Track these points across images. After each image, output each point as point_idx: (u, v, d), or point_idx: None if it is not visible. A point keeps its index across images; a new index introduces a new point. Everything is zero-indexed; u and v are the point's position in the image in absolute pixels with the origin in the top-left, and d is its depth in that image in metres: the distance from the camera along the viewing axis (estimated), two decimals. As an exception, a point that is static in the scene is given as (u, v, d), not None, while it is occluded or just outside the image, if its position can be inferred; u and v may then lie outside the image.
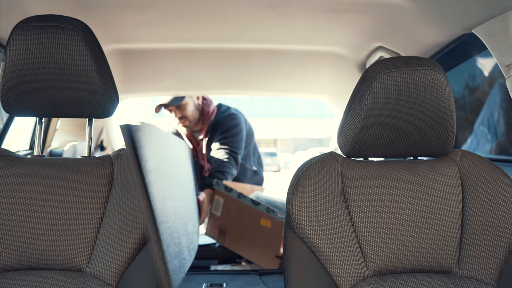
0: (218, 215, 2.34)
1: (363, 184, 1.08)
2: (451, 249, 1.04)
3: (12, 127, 1.84)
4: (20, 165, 1.08)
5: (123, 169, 1.10)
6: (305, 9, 1.55)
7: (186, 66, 2.20)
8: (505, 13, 1.14)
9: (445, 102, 1.04)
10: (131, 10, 1.56)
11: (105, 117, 1.14)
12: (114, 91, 1.11)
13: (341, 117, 1.13)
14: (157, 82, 2.46)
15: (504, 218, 1.04)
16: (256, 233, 2.17)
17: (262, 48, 1.99)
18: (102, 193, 1.07)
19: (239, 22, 1.68)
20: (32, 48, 0.99)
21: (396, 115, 1.04)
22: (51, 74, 1.02)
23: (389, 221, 1.05)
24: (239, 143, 2.56)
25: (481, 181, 1.08)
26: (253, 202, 2.21)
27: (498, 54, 1.21)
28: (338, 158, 1.12)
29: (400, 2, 1.40)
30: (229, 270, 2.19)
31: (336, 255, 1.01)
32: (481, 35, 1.25)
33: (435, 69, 1.02)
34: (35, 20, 1.02)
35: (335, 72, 2.26)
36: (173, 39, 1.87)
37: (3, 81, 1.02)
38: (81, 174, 1.08)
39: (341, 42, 1.89)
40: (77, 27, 1.02)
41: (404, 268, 1.03)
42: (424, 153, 1.12)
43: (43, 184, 1.06)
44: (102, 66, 1.06)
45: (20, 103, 1.06)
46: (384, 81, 1.02)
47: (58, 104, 1.07)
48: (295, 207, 1.04)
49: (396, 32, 1.62)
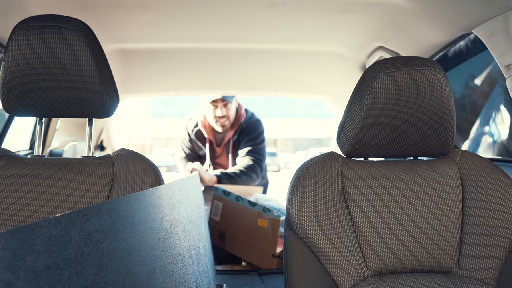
0: (217, 219, 2.35)
1: (363, 184, 1.08)
2: (451, 249, 1.04)
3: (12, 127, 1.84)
4: (20, 165, 1.08)
5: (124, 169, 1.09)
6: (305, 9, 1.55)
7: (186, 66, 2.20)
8: (505, 13, 1.14)
9: (445, 102, 1.04)
10: (131, 10, 1.56)
11: (105, 117, 1.14)
12: (114, 91, 1.11)
13: (341, 117, 1.13)
14: (157, 82, 2.46)
15: (504, 218, 1.04)
16: (254, 234, 2.18)
17: (262, 48, 1.99)
18: (103, 193, 1.07)
19: (239, 22, 1.68)
20: (32, 48, 0.99)
21: (396, 115, 1.04)
22: (51, 74, 1.02)
23: (389, 221, 1.05)
24: (263, 151, 2.76)
25: (481, 181, 1.08)
26: (250, 203, 2.22)
27: (498, 54, 1.21)
28: (338, 158, 1.12)
29: (400, 2, 1.40)
30: (229, 270, 2.19)
31: (336, 255, 1.01)
32: (481, 35, 1.25)
33: (435, 69, 1.03)
34: (35, 20, 1.02)
35: (335, 72, 2.26)
36: (173, 39, 1.87)
37: (3, 81, 1.02)
38: (81, 174, 1.08)
39: (341, 42, 1.90)
40: (77, 27, 1.02)
41: (404, 268, 1.03)
42: (424, 153, 1.12)
43: (43, 184, 1.06)
44: (103, 66, 1.06)
45: (20, 103, 1.06)
46: (384, 81, 1.02)
47: (58, 104, 1.07)
48: (295, 207, 1.04)
49: (396, 32, 1.62)
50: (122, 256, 0.66)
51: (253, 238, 2.18)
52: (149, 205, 0.82)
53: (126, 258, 0.67)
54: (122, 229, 0.67)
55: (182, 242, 1.01)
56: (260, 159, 2.70)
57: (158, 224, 0.84)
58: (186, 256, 1.01)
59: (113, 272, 0.62)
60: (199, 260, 1.16)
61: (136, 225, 0.73)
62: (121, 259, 0.65)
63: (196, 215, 1.27)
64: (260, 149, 2.71)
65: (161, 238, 0.85)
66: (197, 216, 1.28)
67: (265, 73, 2.34)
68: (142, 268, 0.73)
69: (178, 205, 1.03)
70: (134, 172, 1.09)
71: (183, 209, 1.08)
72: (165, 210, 0.91)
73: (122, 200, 0.70)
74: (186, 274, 0.98)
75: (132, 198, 0.74)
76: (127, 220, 0.70)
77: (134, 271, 0.70)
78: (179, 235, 0.99)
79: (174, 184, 1.04)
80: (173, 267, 0.90)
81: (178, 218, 1.00)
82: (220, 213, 2.35)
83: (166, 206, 0.92)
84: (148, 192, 0.82)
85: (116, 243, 0.65)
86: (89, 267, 0.56)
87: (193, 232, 1.16)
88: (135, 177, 1.08)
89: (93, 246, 0.58)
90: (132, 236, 0.70)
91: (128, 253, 0.68)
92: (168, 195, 0.96)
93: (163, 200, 0.91)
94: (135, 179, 1.08)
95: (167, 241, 0.89)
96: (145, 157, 1.14)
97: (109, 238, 0.63)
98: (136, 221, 0.74)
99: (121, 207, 0.69)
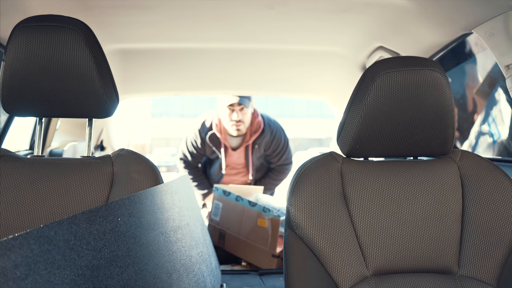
0: (218, 219, 2.35)
1: (363, 184, 1.08)
2: (451, 249, 1.04)
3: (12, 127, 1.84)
4: (20, 165, 1.08)
5: (123, 169, 1.09)
6: (305, 9, 1.55)
7: (186, 66, 2.20)
8: (505, 13, 1.14)
9: (445, 102, 1.04)
10: (131, 10, 1.56)
11: (105, 117, 1.14)
12: (114, 91, 1.11)
13: (341, 117, 1.13)
14: (157, 82, 2.46)
15: (504, 218, 1.04)
16: (254, 234, 2.18)
17: (262, 48, 1.99)
18: (103, 193, 1.07)
19: (239, 22, 1.68)
20: (32, 48, 0.99)
21: (396, 115, 1.04)
22: (51, 74, 1.01)
23: (389, 221, 1.05)
24: (291, 151, 2.98)
25: (481, 181, 1.08)
26: (250, 203, 2.22)
27: (498, 54, 1.21)
28: (338, 158, 1.12)
29: (400, 2, 1.40)
30: (229, 270, 2.19)
31: (336, 255, 1.01)
32: (481, 35, 1.25)
33: (435, 69, 1.02)
34: (35, 20, 1.02)
35: (335, 72, 2.26)
36: (173, 39, 1.87)
37: (3, 81, 1.02)
38: (81, 174, 1.08)
39: (341, 42, 1.89)
40: (77, 27, 1.02)
41: (404, 268, 1.03)
42: (424, 153, 1.12)
43: (43, 184, 1.06)
44: (102, 66, 1.06)
45: (20, 103, 1.06)
46: (384, 81, 1.02)
47: (58, 104, 1.07)
48: (295, 207, 1.04)
49: (396, 32, 1.62)
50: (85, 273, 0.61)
51: (253, 238, 2.18)
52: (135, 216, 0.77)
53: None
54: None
55: (166, 258, 0.94)
56: (292, 161, 2.99)
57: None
58: (172, 270, 0.96)
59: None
60: (190, 271, 1.10)
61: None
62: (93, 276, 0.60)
63: (188, 220, 1.22)
64: (290, 156, 2.96)
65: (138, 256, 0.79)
66: (189, 220, 1.23)
67: (265, 73, 2.34)
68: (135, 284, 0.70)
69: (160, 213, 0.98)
70: (134, 172, 1.09)
71: (165, 217, 1.02)
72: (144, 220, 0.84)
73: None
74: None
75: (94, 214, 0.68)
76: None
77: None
78: (162, 249, 0.92)
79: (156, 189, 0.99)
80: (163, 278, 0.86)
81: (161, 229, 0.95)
82: (220, 213, 2.35)
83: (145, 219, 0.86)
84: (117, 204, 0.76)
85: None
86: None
87: (184, 240, 1.11)
88: (135, 177, 1.08)
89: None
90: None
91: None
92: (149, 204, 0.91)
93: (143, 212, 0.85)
94: (135, 179, 1.08)
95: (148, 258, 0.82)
96: (145, 157, 1.14)
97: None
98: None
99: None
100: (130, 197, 0.85)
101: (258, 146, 2.78)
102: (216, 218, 2.36)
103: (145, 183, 1.07)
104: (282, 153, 2.88)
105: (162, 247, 0.94)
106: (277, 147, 2.84)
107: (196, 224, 1.33)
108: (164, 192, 1.05)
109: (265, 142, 2.79)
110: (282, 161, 2.91)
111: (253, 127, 2.75)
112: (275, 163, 2.91)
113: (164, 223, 0.99)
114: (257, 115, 2.77)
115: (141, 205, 0.89)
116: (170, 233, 1.02)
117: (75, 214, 0.66)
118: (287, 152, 2.91)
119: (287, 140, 2.89)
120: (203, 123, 2.78)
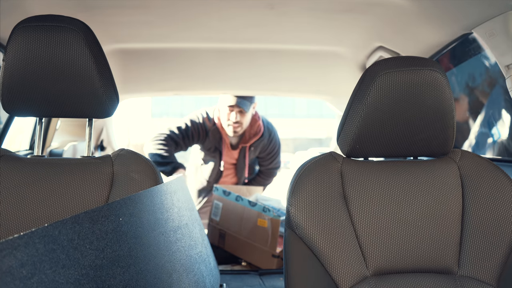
0: (217, 219, 2.35)
1: (363, 184, 1.08)
2: (451, 249, 1.04)
3: (12, 127, 1.84)
4: (20, 165, 1.08)
5: (123, 169, 1.09)
6: (305, 9, 1.55)
7: (186, 66, 2.20)
8: (505, 13, 1.14)
9: (445, 102, 1.04)
10: (131, 10, 1.56)
11: (105, 117, 1.14)
12: (114, 91, 1.11)
13: (341, 117, 1.13)
14: (157, 82, 2.46)
15: (504, 218, 1.04)
16: (254, 234, 2.18)
17: (262, 48, 1.99)
18: (103, 193, 1.07)
19: (239, 22, 1.68)
20: (32, 48, 0.99)
21: (396, 115, 1.04)
22: (51, 74, 1.01)
23: (389, 221, 1.05)
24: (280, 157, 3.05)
25: (481, 181, 1.08)
26: (250, 203, 2.22)
27: (498, 54, 1.21)
28: (338, 158, 1.12)
29: (400, 2, 1.40)
30: (229, 270, 2.19)
31: (336, 255, 1.01)
32: (481, 35, 1.25)
33: (435, 69, 1.02)
34: (35, 20, 1.02)
35: (335, 72, 2.26)
36: (173, 39, 1.87)
37: (3, 81, 1.02)
38: (81, 174, 1.08)
39: (341, 42, 1.89)
40: (77, 27, 1.02)
41: (404, 268, 1.03)
42: (424, 153, 1.12)
43: (43, 184, 1.06)
44: (102, 66, 1.06)
45: (20, 103, 1.06)
46: (384, 81, 1.02)
47: (58, 104, 1.07)
48: (295, 207, 1.04)
49: (396, 32, 1.62)
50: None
51: (253, 238, 2.18)
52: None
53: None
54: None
55: (167, 257, 0.94)
56: (280, 166, 3.07)
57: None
58: (174, 270, 0.97)
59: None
60: (189, 271, 1.11)
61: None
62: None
63: (187, 220, 1.22)
64: (279, 162, 3.03)
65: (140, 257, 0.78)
66: (188, 221, 1.23)
67: (265, 73, 2.33)
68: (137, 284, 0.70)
69: (160, 213, 0.98)
70: (134, 172, 1.09)
71: (165, 217, 1.01)
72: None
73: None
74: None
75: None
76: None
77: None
78: (162, 249, 0.92)
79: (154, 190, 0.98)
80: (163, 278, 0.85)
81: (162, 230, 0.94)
82: (220, 213, 2.35)
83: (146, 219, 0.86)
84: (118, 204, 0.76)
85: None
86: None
87: (183, 240, 1.11)
88: (135, 177, 1.08)
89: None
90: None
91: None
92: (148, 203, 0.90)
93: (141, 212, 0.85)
94: (135, 179, 1.08)
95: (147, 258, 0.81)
96: (145, 157, 1.14)
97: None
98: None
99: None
100: (131, 197, 0.85)
101: (254, 148, 2.79)
102: (216, 218, 2.36)
103: (145, 183, 1.07)
104: (275, 157, 2.93)
105: (162, 247, 0.94)
106: (272, 151, 2.88)
107: (195, 224, 1.33)
108: (164, 192, 1.06)
109: (262, 146, 2.80)
110: (273, 164, 2.95)
111: (252, 130, 2.74)
112: (265, 166, 2.94)
113: (164, 223, 0.99)
114: (258, 118, 2.77)
115: (141, 205, 0.89)
116: (170, 233, 1.02)
117: (78, 214, 0.66)
118: (279, 156, 2.97)
119: (280, 144, 2.95)
120: (207, 117, 2.72)
